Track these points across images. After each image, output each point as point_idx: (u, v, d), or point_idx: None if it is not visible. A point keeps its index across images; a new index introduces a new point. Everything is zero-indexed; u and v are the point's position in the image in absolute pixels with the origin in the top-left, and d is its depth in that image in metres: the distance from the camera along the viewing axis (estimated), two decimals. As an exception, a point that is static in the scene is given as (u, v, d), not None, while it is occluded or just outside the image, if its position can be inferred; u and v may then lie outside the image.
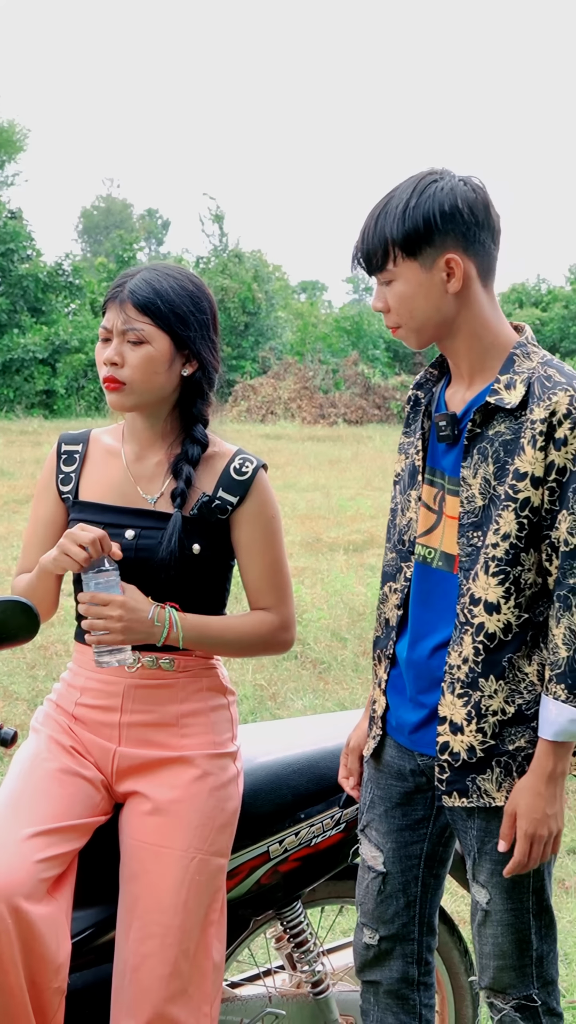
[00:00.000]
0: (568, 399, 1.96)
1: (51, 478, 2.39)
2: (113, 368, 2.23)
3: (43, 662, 6.45)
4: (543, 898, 2.11)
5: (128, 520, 2.28)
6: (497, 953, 2.12)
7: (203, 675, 2.30)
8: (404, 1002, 2.32)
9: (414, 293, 2.04)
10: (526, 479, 1.98)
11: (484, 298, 2.07)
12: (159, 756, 2.24)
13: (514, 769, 2.04)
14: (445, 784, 2.09)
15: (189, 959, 2.14)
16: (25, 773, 2.21)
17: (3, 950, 1.96)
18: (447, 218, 1.99)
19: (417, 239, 2.00)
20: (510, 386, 2.03)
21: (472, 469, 2.05)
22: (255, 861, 2.41)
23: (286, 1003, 2.53)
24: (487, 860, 2.09)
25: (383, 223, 2.03)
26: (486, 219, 2.03)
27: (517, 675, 2.04)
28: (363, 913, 2.31)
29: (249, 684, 6.08)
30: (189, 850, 2.16)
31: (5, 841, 2.05)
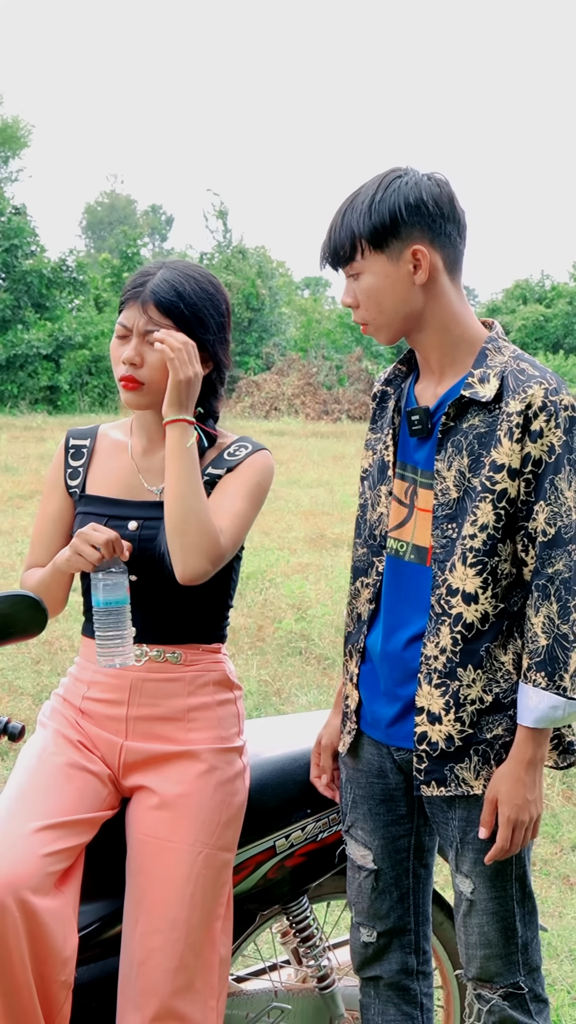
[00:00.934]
0: (543, 392, 1.99)
1: (59, 473, 2.40)
2: (132, 368, 2.23)
3: (48, 657, 6.46)
4: (525, 884, 2.14)
5: (132, 512, 2.28)
6: (483, 943, 2.13)
7: (210, 669, 2.31)
8: (405, 992, 2.34)
9: (381, 285, 2.07)
10: (503, 471, 2.02)
11: (452, 291, 2.10)
12: (166, 750, 2.24)
13: (491, 757, 2.07)
14: (423, 774, 2.12)
15: (195, 953, 2.15)
16: (32, 767, 2.21)
17: (10, 943, 1.97)
18: (412, 210, 2.03)
19: (383, 232, 2.04)
20: (484, 380, 2.06)
21: (446, 462, 2.08)
22: (261, 856, 2.41)
23: (292, 998, 2.54)
24: (469, 850, 2.11)
25: (350, 218, 2.07)
26: (451, 212, 2.07)
27: (494, 664, 2.07)
28: (358, 912, 2.32)
29: (254, 680, 6.08)
30: (196, 845, 2.17)
31: (12, 835, 2.05)
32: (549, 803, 4.64)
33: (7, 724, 2.11)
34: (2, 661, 6.34)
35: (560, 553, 2.00)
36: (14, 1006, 2.01)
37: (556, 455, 1.99)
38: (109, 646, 2.15)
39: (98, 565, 2.14)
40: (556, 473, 2.00)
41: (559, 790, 4.79)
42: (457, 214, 2.08)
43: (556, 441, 1.99)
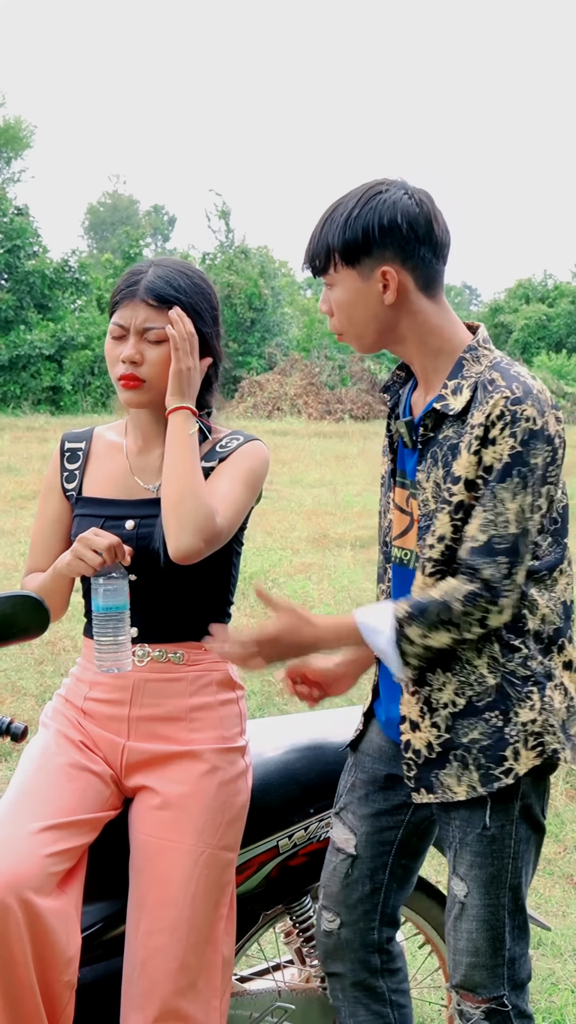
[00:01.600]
0: (504, 401, 1.96)
1: (56, 477, 2.40)
2: (132, 366, 2.23)
3: (51, 658, 6.46)
4: (519, 896, 2.12)
5: (129, 511, 2.29)
6: (471, 950, 2.12)
7: (213, 669, 2.31)
8: (371, 991, 2.33)
9: (352, 301, 2.08)
10: (460, 483, 2.01)
11: (429, 307, 2.08)
12: (168, 750, 2.24)
13: (470, 762, 2.06)
14: (413, 781, 2.13)
15: (198, 953, 2.15)
16: (35, 768, 2.21)
17: (13, 943, 1.97)
18: (385, 231, 2.02)
19: (356, 249, 2.04)
20: (457, 391, 2.05)
21: (425, 473, 2.07)
22: (264, 856, 2.41)
23: (295, 997, 2.54)
24: (467, 852, 2.10)
25: (327, 229, 2.07)
26: (427, 233, 2.04)
27: (466, 668, 2.06)
28: (326, 895, 2.32)
29: (257, 680, 6.08)
30: (198, 844, 2.17)
31: (15, 835, 2.05)
32: (553, 802, 4.64)
33: (9, 725, 2.12)
34: (5, 662, 6.34)
35: (489, 562, 1.97)
36: (17, 1007, 2.01)
37: (504, 463, 1.95)
38: (107, 651, 2.15)
39: (99, 570, 2.14)
40: (500, 482, 1.96)
41: (562, 789, 4.79)
42: (435, 235, 2.05)
43: (507, 450, 1.95)
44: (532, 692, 2.05)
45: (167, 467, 2.18)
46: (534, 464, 1.97)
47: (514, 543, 1.97)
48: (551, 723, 2.06)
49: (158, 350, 2.22)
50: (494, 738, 2.04)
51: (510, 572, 1.97)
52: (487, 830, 2.08)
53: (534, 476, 1.98)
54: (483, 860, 2.09)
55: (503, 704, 2.04)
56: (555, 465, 2.03)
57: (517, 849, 2.09)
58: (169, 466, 2.18)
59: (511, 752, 2.04)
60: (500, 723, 2.04)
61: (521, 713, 2.04)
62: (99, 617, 2.15)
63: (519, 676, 2.04)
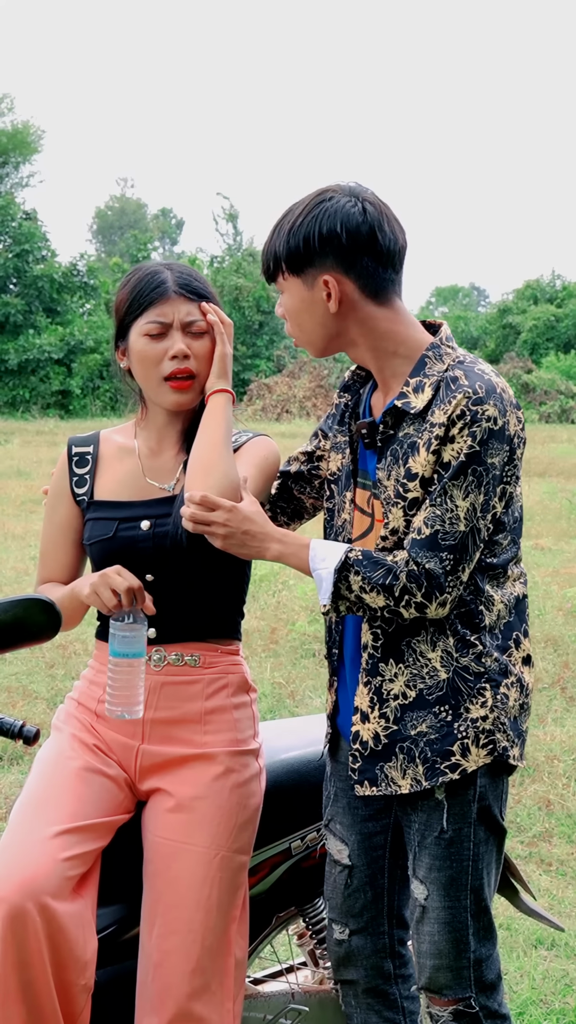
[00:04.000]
0: (466, 401, 1.96)
1: (64, 482, 2.38)
2: (184, 360, 2.22)
3: (62, 661, 6.47)
4: (481, 898, 2.12)
5: (143, 511, 2.27)
6: (434, 952, 2.12)
7: (229, 671, 2.31)
8: (384, 998, 2.33)
9: (299, 308, 2.10)
10: (416, 480, 2.01)
11: (379, 313, 2.07)
12: (182, 753, 2.24)
13: (416, 755, 2.06)
14: (357, 774, 2.13)
15: (212, 956, 2.14)
16: (49, 772, 2.21)
17: (31, 948, 1.97)
18: (324, 241, 2.02)
19: (298, 258, 2.05)
20: (419, 389, 2.04)
21: (386, 471, 2.07)
22: (277, 858, 2.41)
23: (309, 999, 2.53)
24: (426, 855, 2.10)
25: (276, 239, 2.08)
26: (369, 243, 2.02)
27: (419, 660, 2.06)
28: (331, 908, 2.32)
29: (267, 682, 6.08)
30: (212, 847, 2.17)
31: (32, 840, 2.05)
32: (564, 803, 4.64)
33: (22, 728, 2.11)
34: (16, 666, 6.36)
35: (431, 556, 1.97)
36: (35, 1011, 2.01)
37: (460, 462, 1.95)
38: (119, 697, 2.14)
39: (117, 613, 2.13)
40: (454, 479, 1.96)
41: (574, 790, 4.78)
42: (379, 243, 2.02)
43: (465, 448, 1.95)
44: (485, 689, 2.05)
45: (201, 435, 2.18)
46: (491, 464, 1.98)
47: (462, 540, 1.98)
48: (502, 721, 2.07)
49: (203, 343, 2.23)
50: (442, 732, 2.05)
51: (455, 568, 1.98)
52: (444, 833, 2.08)
53: (489, 476, 1.98)
54: (441, 863, 2.09)
55: (453, 699, 2.05)
56: (512, 465, 2.04)
57: (476, 851, 2.09)
58: (204, 434, 2.18)
59: (459, 748, 2.04)
60: (449, 718, 2.05)
61: (472, 709, 2.05)
62: (115, 662, 2.14)
63: (472, 672, 2.05)
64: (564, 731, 5.46)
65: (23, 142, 37.11)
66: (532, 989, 3.28)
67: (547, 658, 6.69)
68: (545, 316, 36.10)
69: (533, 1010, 3.19)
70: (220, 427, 2.18)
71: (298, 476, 2.36)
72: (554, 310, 36.37)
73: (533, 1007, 3.21)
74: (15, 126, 37.51)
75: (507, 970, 3.37)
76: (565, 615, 7.77)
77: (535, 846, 4.26)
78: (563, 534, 11.40)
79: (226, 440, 2.16)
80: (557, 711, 5.79)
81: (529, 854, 4.19)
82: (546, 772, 4.93)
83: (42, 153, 46.92)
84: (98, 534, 2.28)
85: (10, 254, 31.72)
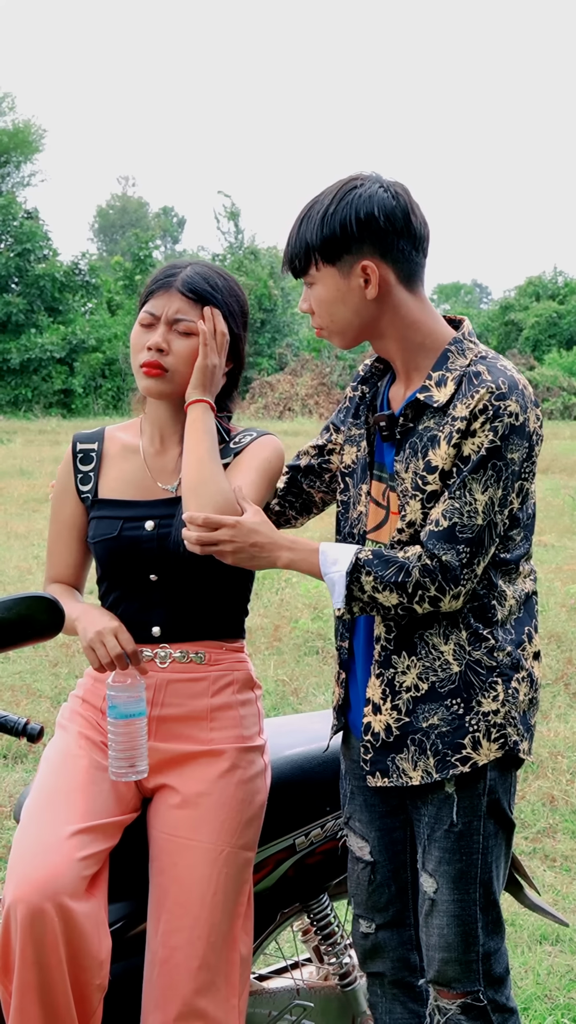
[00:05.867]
0: (488, 396, 1.96)
1: (69, 479, 2.38)
2: (158, 354, 2.23)
3: (66, 660, 6.47)
4: (490, 891, 2.13)
5: (147, 511, 2.28)
6: (443, 945, 2.13)
7: (234, 668, 2.31)
8: (410, 990, 2.33)
9: (333, 298, 2.08)
10: (435, 472, 2.01)
11: (411, 301, 2.08)
12: (188, 750, 2.24)
13: (428, 747, 2.07)
14: (368, 765, 2.13)
15: (217, 952, 2.15)
16: (58, 771, 2.21)
17: (49, 950, 1.97)
18: (363, 225, 2.01)
19: (335, 245, 2.03)
20: (441, 383, 2.04)
21: (404, 463, 2.07)
22: (281, 854, 2.41)
23: (314, 995, 2.54)
24: (435, 848, 2.11)
25: (305, 229, 2.06)
26: (405, 226, 2.03)
27: (431, 653, 2.06)
28: (356, 904, 2.33)
29: (271, 679, 6.09)
30: (218, 843, 2.17)
31: (47, 840, 2.05)
32: (568, 799, 4.64)
33: (26, 725, 2.12)
34: (20, 664, 6.36)
35: (448, 548, 1.98)
36: (51, 1011, 2.01)
37: (480, 456, 1.96)
38: (123, 759, 2.15)
39: (114, 677, 2.15)
40: (473, 472, 1.96)
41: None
42: (413, 227, 2.04)
43: (486, 442, 1.96)
44: (496, 683, 2.06)
45: (186, 455, 2.18)
46: (511, 459, 1.98)
47: (479, 534, 1.98)
48: (513, 715, 2.08)
49: (186, 343, 2.23)
50: (453, 725, 2.05)
51: (471, 561, 1.99)
52: (454, 826, 2.08)
53: (508, 471, 1.99)
54: (451, 856, 2.09)
55: (465, 692, 2.05)
56: (531, 461, 2.04)
57: (486, 844, 2.10)
58: (188, 453, 2.17)
59: (470, 741, 2.05)
60: (461, 711, 2.05)
61: (484, 703, 2.05)
62: (115, 724, 2.14)
63: (484, 666, 2.06)
64: (568, 727, 5.46)
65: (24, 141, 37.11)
66: (537, 984, 3.29)
67: (551, 654, 6.70)
68: (547, 313, 36.07)
69: (538, 1005, 3.19)
70: (201, 442, 2.17)
71: (308, 470, 2.36)
72: (556, 307, 36.34)
73: (538, 1002, 3.21)
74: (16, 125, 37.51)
75: (512, 966, 3.36)
76: (568, 611, 7.77)
77: (539, 842, 4.26)
78: (566, 531, 11.40)
79: (211, 454, 2.16)
80: (561, 707, 5.79)
81: (533, 850, 4.19)
82: (550, 768, 4.94)
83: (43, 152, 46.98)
84: (102, 533, 2.29)
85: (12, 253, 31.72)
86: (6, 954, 2.01)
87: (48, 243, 32.99)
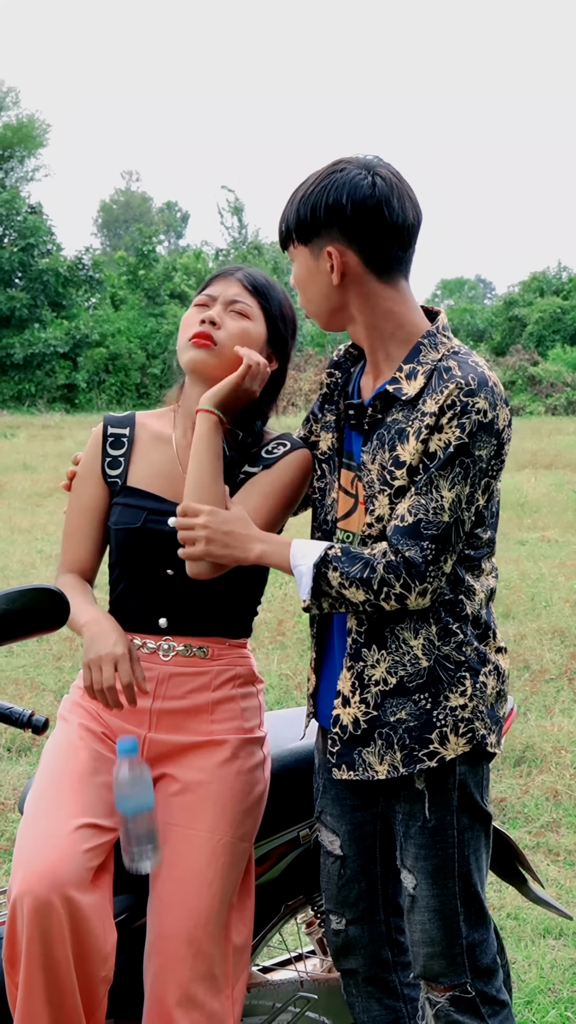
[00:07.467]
0: (457, 391, 1.95)
1: (96, 461, 2.36)
2: (210, 327, 2.23)
3: (69, 653, 6.48)
4: (470, 884, 2.13)
5: (173, 507, 2.25)
6: (426, 940, 2.13)
7: (236, 664, 2.31)
8: (384, 986, 2.34)
9: (305, 278, 2.10)
10: (403, 468, 2.00)
11: (382, 291, 2.06)
12: (189, 740, 2.25)
13: (395, 741, 2.07)
14: (335, 757, 2.14)
15: (213, 941, 2.14)
16: (61, 762, 2.21)
17: (55, 941, 1.97)
18: (330, 211, 2.01)
19: (306, 227, 2.05)
20: (411, 376, 2.03)
21: (371, 455, 2.07)
22: (285, 846, 2.42)
23: (318, 988, 2.54)
24: (411, 844, 2.11)
25: (289, 207, 2.09)
26: (375, 216, 1.99)
27: (401, 647, 2.06)
28: (327, 899, 2.33)
29: (275, 674, 6.09)
30: (215, 832, 2.17)
31: (53, 832, 2.05)
32: (572, 793, 4.64)
33: (31, 717, 2.12)
34: (24, 658, 6.37)
35: (412, 544, 1.97)
36: (58, 1007, 2.01)
37: (448, 453, 1.95)
38: (136, 851, 2.12)
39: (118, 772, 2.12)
40: (441, 469, 1.95)
41: (582, 781, 4.79)
42: (386, 217, 1.99)
43: (453, 439, 1.94)
44: (464, 678, 2.06)
45: (190, 473, 2.15)
46: (478, 456, 1.97)
47: (445, 531, 1.97)
48: (480, 709, 2.08)
49: (238, 323, 2.25)
50: (421, 720, 2.06)
51: (436, 558, 1.98)
52: (428, 822, 2.09)
53: (476, 468, 1.98)
54: (427, 852, 2.10)
55: (433, 687, 2.06)
56: (499, 459, 2.03)
57: (461, 838, 2.10)
58: (192, 472, 2.15)
59: (437, 736, 2.05)
60: (428, 705, 2.05)
61: (451, 698, 2.06)
62: (126, 821, 2.11)
63: (453, 661, 2.06)
64: (571, 722, 5.46)
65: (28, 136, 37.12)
66: (540, 978, 3.29)
67: (554, 649, 6.69)
68: (551, 308, 36.03)
69: (541, 998, 3.20)
70: (206, 463, 2.14)
71: None
72: (560, 302, 36.29)
73: (541, 995, 3.21)
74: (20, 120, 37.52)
75: (515, 959, 3.38)
76: (572, 606, 7.76)
77: (543, 836, 4.26)
78: (569, 526, 11.38)
79: (213, 477, 2.14)
80: (564, 702, 5.79)
81: (537, 844, 4.19)
82: (553, 763, 4.94)
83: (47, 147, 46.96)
84: (125, 521, 2.28)
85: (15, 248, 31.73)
86: (13, 946, 2.01)
87: (52, 238, 33.00)
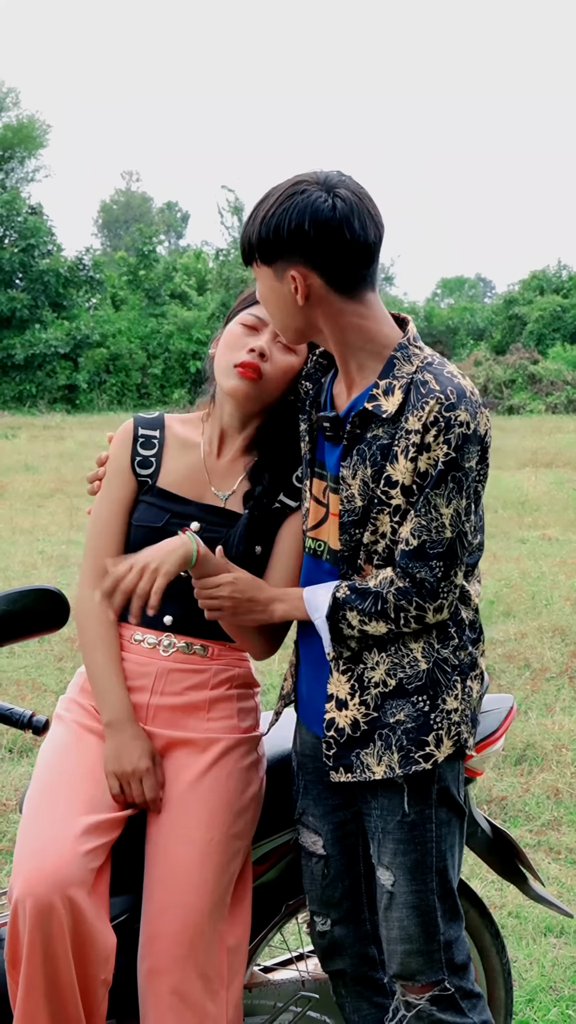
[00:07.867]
0: (439, 407, 1.95)
1: (126, 459, 2.35)
2: (259, 358, 2.23)
3: (71, 654, 6.48)
4: (447, 880, 2.14)
5: (196, 513, 2.28)
6: (404, 937, 2.13)
7: (235, 665, 2.32)
8: (372, 984, 2.34)
9: (269, 297, 2.10)
10: (397, 487, 2.01)
11: (348, 307, 2.04)
12: (183, 737, 2.25)
13: (394, 743, 2.08)
14: (332, 760, 2.14)
15: (206, 940, 2.14)
16: (58, 762, 2.22)
17: (56, 942, 1.98)
18: (292, 235, 1.98)
19: (268, 249, 2.03)
20: (389, 392, 2.03)
21: (351, 470, 2.07)
22: (285, 847, 2.42)
23: (319, 987, 2.54)
24: (390, 840, 2.12)
25: (251, 226, 2.06)
26: (337, 238, 1.97)
27: (401, 650, 2.08)
28: (311, 900, 2.33)
29: (276, 675, 6.08)
30: (208, 831, 2.17)
31: (55, 834, 2.05)
32: (572, 791, 4.64)
33: (31, 718, 2.13)
34: (25, 659, 6.37)
35: (421, 566, 2.00)
36: (57, 1006, 2.02)
37: (439, 470, 1.96)
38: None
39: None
40: (435, 488, 1.97)
41: (583, 779, 4.79)
42: (347, 239, 1.97)
43: (441, 456, 1.95)
44: (457, 681, 2.09)
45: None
46: (468, 468, 1.99)
47: (450, 546, 2.00)
48: (467, 712, 2.10)
49: (285, 358, 2.24)
50: (419, 721, 2.07)
51: (447, 574, 2.01)
52: (407, 816, 2.10)
53: (468, 480, 2.00)
54: (406, 847, 2.10)
55: (432, 690, 2.07)
56: (484, 464, 2.05)
57: (439, 833, 2.11)
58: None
59: (433, 738, 2.07)
60: (427, 708, 2.07)
61: (447, 701, 2.07)
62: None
63: (450, 664, 2.08)
64: (572, 720, 5.46)
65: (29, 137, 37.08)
66: (541, 976, 3.29)
67: (555, 647, 6.69)
68: (551, 307, 35.99)
69: (542, 997, 3.20)
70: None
71: None
72: (560, 300, 36.25)
73: (543, 994, 3.22)
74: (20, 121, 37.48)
75: (516, 958, 3.38)
76: (572, 605, 7.76)
77: (544, 834, 4.27)
78: (570, 524, 11.38)
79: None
80: (565, 700, 5.79)
81: (538, 842, 4.19)
82: (554, 761, 4.94)
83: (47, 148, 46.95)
84: (148, 519, 2.29)
85: (16, 249, 31.72)
86: (15, 946, 2.01)
87: (52, 238, 32.97)
